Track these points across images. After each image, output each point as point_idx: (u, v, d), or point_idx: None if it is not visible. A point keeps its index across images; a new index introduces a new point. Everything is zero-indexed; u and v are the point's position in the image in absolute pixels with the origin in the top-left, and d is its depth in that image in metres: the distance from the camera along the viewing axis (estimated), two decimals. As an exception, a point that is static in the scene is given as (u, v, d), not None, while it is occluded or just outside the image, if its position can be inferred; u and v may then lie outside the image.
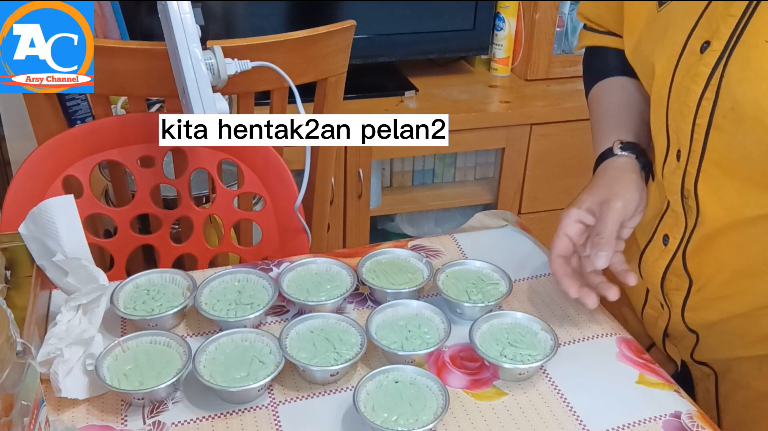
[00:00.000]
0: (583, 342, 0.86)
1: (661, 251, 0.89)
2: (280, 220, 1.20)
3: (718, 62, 0.74)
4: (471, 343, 0.80)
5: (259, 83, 1.17)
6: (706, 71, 0.75)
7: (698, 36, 0.77)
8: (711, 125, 0.76)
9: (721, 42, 0.74)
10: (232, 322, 0.83)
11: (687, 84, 0.77)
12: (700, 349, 0.92)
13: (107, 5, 1.58)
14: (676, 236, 0.86)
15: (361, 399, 0.73)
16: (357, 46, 1.26)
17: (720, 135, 0.76)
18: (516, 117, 1.86)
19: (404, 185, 2.04)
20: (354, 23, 1.21)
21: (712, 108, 0.75)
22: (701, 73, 0.76)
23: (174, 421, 0.74)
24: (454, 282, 0.91)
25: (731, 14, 0.74)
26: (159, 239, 1.22)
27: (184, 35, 0.90)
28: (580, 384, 0.80)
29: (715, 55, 0.74)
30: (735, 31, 0.73)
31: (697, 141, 0.78)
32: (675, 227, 0.86)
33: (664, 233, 0.88)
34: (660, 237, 0.89)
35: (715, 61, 0.74)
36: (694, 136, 0.78)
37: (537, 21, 1.93)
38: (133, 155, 1.16)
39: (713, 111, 0.75)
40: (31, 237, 0.83)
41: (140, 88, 1.14)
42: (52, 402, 0.75)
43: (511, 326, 0.84)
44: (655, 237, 0.90)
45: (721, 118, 0.75)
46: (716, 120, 0.75)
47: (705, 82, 0.75)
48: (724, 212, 0.79)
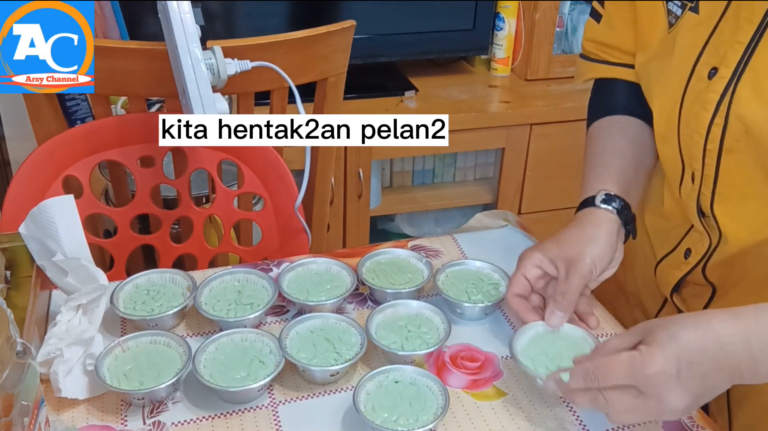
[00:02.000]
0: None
1: (680, 263, 0.89)
2: (280, 220, 1.20)
3: (726, 88, 0.74)
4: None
5: (259, 83, 1.17)
6: (715, 98, 0.75)
7: (705, 62, 0.77)
8: (722, 149, 0.76)
9: (729, 69, 0.74)
10: (232, 322, 0.83)
11: (696, 110, 0.77)
12: None
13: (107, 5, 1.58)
14: (699, 251, 0.85)
15: (361, 399, 0.73)
16: (357, 46, 1.26)
17: (734, 158, 0.76)
18: (516, 117, 1.86)
19: (404, 185, 2.04)
20: (354, 23, 1.21)
21: (722, 133, 0.75)
22: (710, 100, 0.76)
23: (174, 421, 0.74)
24: (454, 282, 0.91)
25: (739, 41, 0.74)
26: (159, 239, 1.22)
27: (184, 35, 0.90)
28: (580, 384, 0.80)
29: (723, 82, 0.75)
30: (743, 57, 0.73)
31: (709, 165, 0.78)
32: (699, 243, 0.85)
33: (687, 247, 0.87)
34: (683, 250, 0.88)
35: (724, 88, 0.74)
36: (706, 160, 0.78)
37: (537, 21, 1.93)
38: (133, 155, 1.16)
39: (723, 135, 0.75)
40: (31, 237, 0.83)
41: (140, 88, 1.14)
42: (52, 402, 0.75)
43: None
44: (676, 251, 0.89)
45: (734, 141, 0.75)
46: (728, 143, 0.75)
47: (714, 108, 0.75)
48: (747, 233, 0.78)
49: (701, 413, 0.77)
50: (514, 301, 0.83)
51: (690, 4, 0.79)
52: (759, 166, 0.74)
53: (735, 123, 0.74)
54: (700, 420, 0.76)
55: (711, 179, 0.79)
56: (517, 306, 0.82)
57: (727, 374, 0.64)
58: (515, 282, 0.83)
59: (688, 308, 0.90)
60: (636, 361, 0.64)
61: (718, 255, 0.84)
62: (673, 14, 0.82)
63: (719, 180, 0.78)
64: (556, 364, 0.75)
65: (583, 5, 2.03)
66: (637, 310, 1.00)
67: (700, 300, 0.88)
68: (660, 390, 0.63)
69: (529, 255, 0.83)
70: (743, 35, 0.73)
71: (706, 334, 0.64)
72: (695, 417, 0.76)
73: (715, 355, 0.64)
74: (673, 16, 0.82)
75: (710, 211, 0.81)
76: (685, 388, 0.63)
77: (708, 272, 0.86)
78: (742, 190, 0.77)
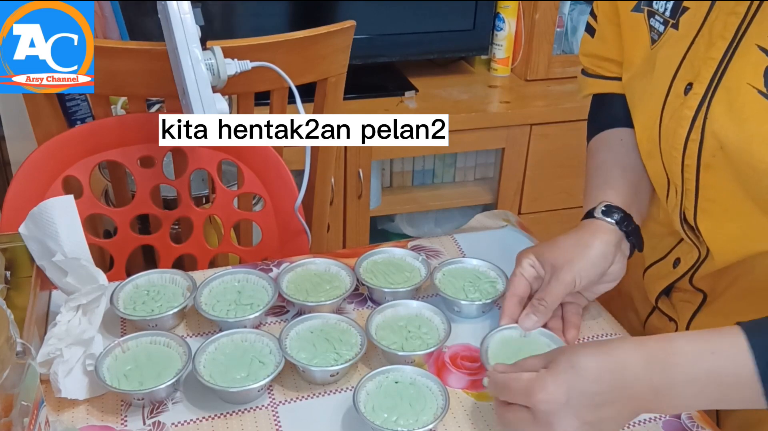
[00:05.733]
0: (582, 341, 0.86)
1: (668, 271, 0.89)
2: (280, 221, 1.20)
3: (700, 105, 0.74)
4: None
5: (259, 83, 1.17)
6: (690, 114, 0.75)
7: (682, 78, 0.77)
8: (700, 164, 0.75)
9: (702, 85, 0.74)
10: (232, 323, 0.83)
11: (673, 126, 0.77)
12: None
13: (107, 5, 1.58)
14: (688, 262, 0.86)
15: (361, 400, 0.73)
16: (357, 46, 1.26)
17: (713, 173, 0.75)
18: (516, 117, 1.87)
19: (404, 185, 2.04)
20: (354, 23, 1.21)
21: (698, 149, 0.75)
22: (685, 116, 0.75)
23: (174, 421, 0.74)
24: (451, 280, 0.91)
25: (711, 57, 0.73)
26: (159, 239, 1.22)
27: (184, 35, 0.90)
28: (580, 384, 0.80)
29: (698, 98, 0.74)
30: (716, 73, 0.73)
31: (689, 180, 0.78)
32: (689, 254, 0.85)
33: (678, 257, 0.87)
34: (672, 259, 0.88)
35: (698, 104, 0.74)
36: (686, 175, 0.78)
37: (537, 21, 1.93)
38: (133, 155, 1.16)
39: (700, 151, 0.75)
40: (31, 238, 0.83)
41: (140, 88, 1.14)
42: (52, 403, 0.75)
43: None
44: (666, 259, 0.89)
45: (711, 156, 0.74)
46: (705, 159, 0.75)
47: (689, 124, 0.75)
48: (731, 248, 0.78)
49: (701, 413, 0.77)
50: (511, 301, 0.83)
51: (672, 21, 0.79)
52: (738, 182, 0.73)
53: (710, 139, 0.73)
54: (700, 420, 0.76)
55: (692, 194, 0.78)
56: (506, 306, 0.83)
57: (625, 404, 0.64)
58: (515, 282, 0.83)
59: (678, 313, 0.90)
60: (531, 385, 0.65)
61: (705, 268, 0.84)
62: (655, 30, 0.82)
63: (700, 195, 0.78)
64: None
65: (583, 5, 2.03)
66: (630, 313, 1.00)
67: (690, 306, 0.88)
68: (549, 416, 0.64)
69: (525, 255, 0.84)
70: (716, 51, 0.73)
71: (605, 363, 0.64)
72: (695, 417, 0.76)
73: (612, 385, 0.64)
74: (655, 33, 0.82)
75: (695, 225, 0.81)
76: (576, 416, 0.63)
77: (696, 281, 0.86)
78: (724, 205, 0.76)
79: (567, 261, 0.80)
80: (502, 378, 0.69)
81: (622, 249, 0.83)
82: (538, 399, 0.64)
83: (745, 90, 0.69)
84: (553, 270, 0.80)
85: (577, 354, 0.65)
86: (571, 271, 0.79)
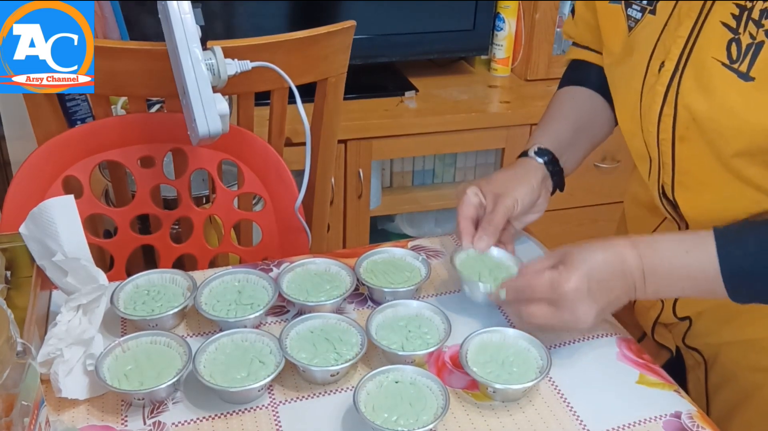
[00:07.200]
0: (583, 342, 0.86)
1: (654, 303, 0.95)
2: (280, 220, 1.20)
3: (671, 80, 0.79)
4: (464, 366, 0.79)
5: (259, 83, 1.17)
6: (662, 90, 0.80)
7: (656, 57, 0.82)
8: (675, 137, 0.80)
9: (673, 62, 0.79)
10: (232, 322, 0.83)
11: (648, 103, 0.82)
12: (692, 334, 0.94)
13: (107, 5, 1.58)
14: None
15: (362, 400, 0.73)
16: (357, 46, 1.26)
17: (687, 146, 0.80)
18: (516, 117, 1.86)
19: (404, 185, 2.04)
20: (354, 23, 1.21)
21: (672, 123, 0.80)
22: (658, 92, 0.81)
23: (174, 421, 0.74)
24: (471, 263, 0.90)
25: (680, 35, 0.78)
26: (159, 239, 1.22)
27: (184, 35, 0.90)
28: (580, 384, 0.80)
29: (668, 74, 0.79)
30: (683, 50, 0.78)
31: (665, 153, 0.83)
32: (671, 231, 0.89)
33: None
34: None
35: (668, 80, 0.79)
36: (662, 149, 0.83)
37: (537, 21, 1.93)
38: (133, 155, 1.16)
39: (675, 124, 0.80)
40: (32, 238, 0.83)
41: (140, 88, 1.14)
42: (53, 403, 0.75)
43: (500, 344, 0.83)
44: None
45: (684, 129, 0.79)
46: (679, 131, 0.80)
47: (662, 99, 0.80)
48: (709, 217, 0.81)
49: (701, 413, 0.77)
50: (464, 223, 0.91)
51: (649, 7, 0.84)
52: (711, 152, 0.78)
53: (683, 112, 0.78)
54: (700, 420, 0.76)
55: (669, 167, 0.83)
56: (463, 227, 0.90)
57: (625, 288, 0.77)
58: (466, 207, 0.91)
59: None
60: (555, 279, 0.76)
61: None
62: (632, 18, 0.87)
63: (677, 168, 0.83)
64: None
65: (583, 5, 2.02)
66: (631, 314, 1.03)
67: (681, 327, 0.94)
68: (573, 303, 0.75)
69: (470, 186, 0.93)
70: (683, 30, 0.78)
71: (611, 256, 0.77)
72: (695, 417, 0.76)
73: (617, 271, 0.76)
74: (632, 20, 0.87)
75: (672, 198, 0.86)
76: (594, 301, 0.76)
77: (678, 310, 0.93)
78: (699, 176, 0.82)
79: (507, 189, 0.91)
80: (523, 280, 0.80)
81: (546, 186, 0.96)
82: (565, 289, 0.75)
83: (710, 63, 0.75)
84: (496, 198, 0.90)
85: (587, 250, 0.77)
86: (512, 197, 0.90)
